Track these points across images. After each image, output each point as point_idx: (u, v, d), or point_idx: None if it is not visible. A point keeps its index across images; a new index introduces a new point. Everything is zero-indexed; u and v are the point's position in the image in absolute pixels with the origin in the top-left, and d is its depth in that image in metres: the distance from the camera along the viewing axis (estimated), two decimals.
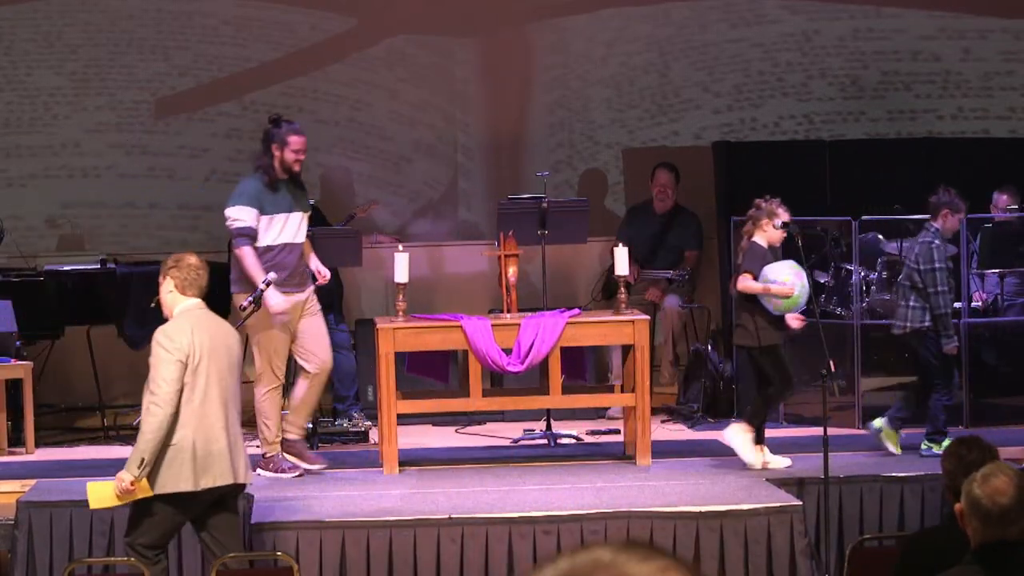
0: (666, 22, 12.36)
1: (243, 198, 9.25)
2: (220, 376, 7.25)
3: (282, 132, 9.30)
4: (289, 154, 9.28)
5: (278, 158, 9.28)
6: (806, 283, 9.17)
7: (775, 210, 9.25)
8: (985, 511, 4.33)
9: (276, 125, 9.37)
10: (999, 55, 12.49)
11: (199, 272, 7.38)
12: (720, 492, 8.59)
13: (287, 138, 9.29)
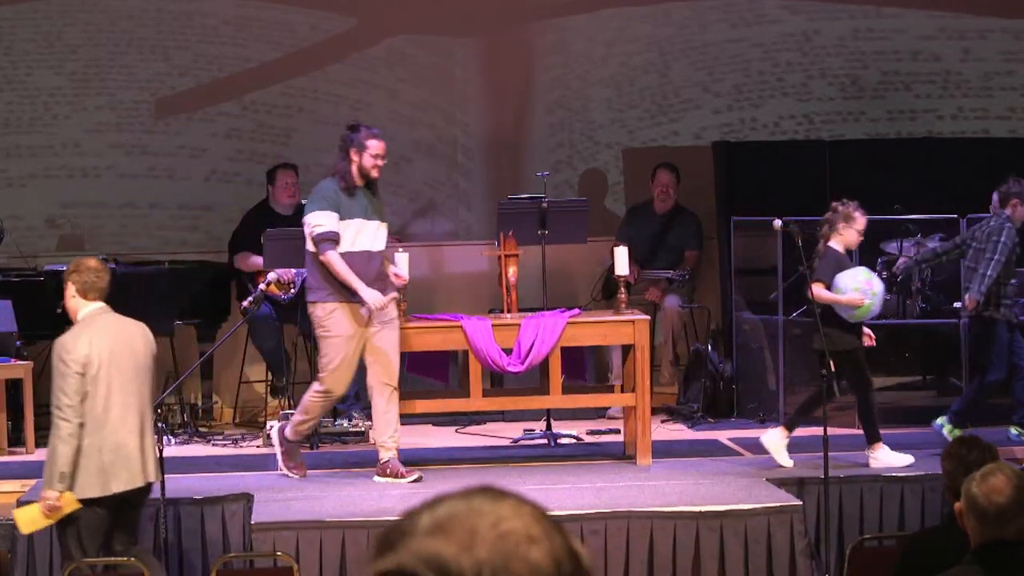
0: (666, 22, 12.36)
1: (322, 202, 9.01)
2: (123, 380, 7.33)
3: (361, 136, 9.11)
4: (368, 159, 9.06)
5: (356, 163, 9.05)
6: (879, 290, 9.15)
7: (852, 213, 9.20)
8: (982, 510, 4.33)
9: (354, 130, 9.18)
10: (999, 55, 12.49)
11: (99, 275, 7.49)
12: (720, 492, 8.59)
13: (366, 142, 9.09)
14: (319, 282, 9.00)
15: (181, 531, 8.38)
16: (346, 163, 9.08)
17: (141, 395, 7.40)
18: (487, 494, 2.00)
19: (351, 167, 9.06)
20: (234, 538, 8.41)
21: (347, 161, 9.08)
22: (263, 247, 10.35)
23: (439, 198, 12.29)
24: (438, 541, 1.98)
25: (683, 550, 8.16)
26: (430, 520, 2.01)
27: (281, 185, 11.11)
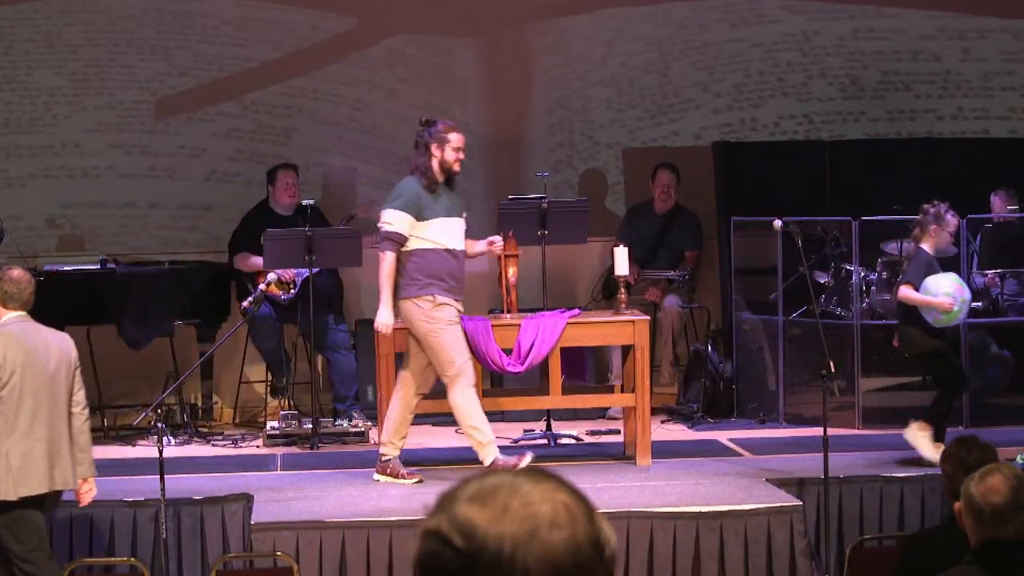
0: (666, 22, 12.36)
1: (400, 201, 8.83)
2: (36, 388, 7.43)
3: (440, 130, 8.91)
4: (450, 153, 8.91)
5: (438, 158, 8.89)
6: (967, 296, 9.16)
7: (944, 216, 9.19)
8: (979, 510, 4.34)
9: (430, 125, 8.99)
10: (999, 55, 12.49)
11: (19, 286, 7.61)
12: (720, 492, 8.59)
13: (447, 136, 8.91)
14: (411, 278, 8.83)
15: (181, 531, 8.38)
16: (426, 159, 8.88)
17: (54, 403, 7.49)
18: (531, 474, 2.15)
19: (432, 162, 8.87)
20: (234, 538, 8.41)
21: (427, 157, 8.88)
22: (263, 247, 10.35)
23: None
24: (474, 509, 2.12)
25: (683, 550, 8.16)
26: (475, 489, 2.16)
27: (282, 185, 11.10)
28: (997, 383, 10.87)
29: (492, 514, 2.11)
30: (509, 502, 2.11)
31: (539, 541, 2.09)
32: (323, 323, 10.84)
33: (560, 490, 2.14)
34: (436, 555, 2.12)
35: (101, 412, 10.96)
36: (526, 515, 2.10)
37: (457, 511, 2.13)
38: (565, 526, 2.10)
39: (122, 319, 10.66)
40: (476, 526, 2.10)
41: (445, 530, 2.11)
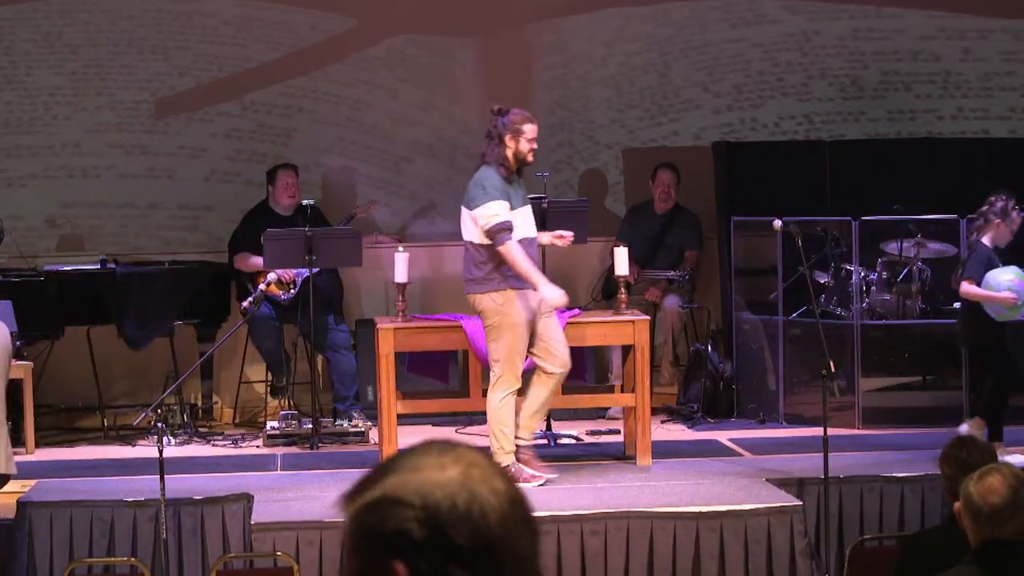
0: (666, 22, 12.36)
1: (493, 191, 8.61)
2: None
3: (515, 120, 8.70)
4: (524, 144, 8.70)
5: (512, 149, 8.67)
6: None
7: (1009, 211, 9.17)
8: (976, 509, 4.34)
9: (504, 114, 8.74)
10: (999, 55, 12.49)
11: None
12: (720, 492, 8.59)
13: (522, 127, 8.72)
14: (487, 272, 8.72)
15: (181, 531, 8.38)
16: (500, 149, 8.71)
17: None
18: (440, 442, 2.25)
19: (507, 153, 8.71)
20: (234, 538, 8.41)
21: (501, 147, 8.71)
22: (263, 247, 10.35)
23: (439, 198, 12.28)
24: (414, 474, 2.17)
25: (683, 550, 8.16)
26: (405, 460, 2.21)
27: (281, 185, 11.10)
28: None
29: (434, 475, 2.16)
30: (443, 461, 2.17)
31: (487, 484, 2.15)
32: (323, 323, 10.84)
33: (479, 452, 2.23)
34: (393, 518, 2.14)
35: (101, 412, 10.97)
36: (467, 463, 2.17)
37: (397, 480, 2.17)
38: (500, 480, 2.18)
39: (122, 319, 10.66)
40: (424, 484, 2.14)
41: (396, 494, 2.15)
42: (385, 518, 2.15)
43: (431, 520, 2.13)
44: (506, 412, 8.75)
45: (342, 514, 2.23)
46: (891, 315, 10.81)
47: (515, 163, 8.72)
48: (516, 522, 2.16)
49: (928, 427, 10.32)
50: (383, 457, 2.00)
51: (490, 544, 2.13)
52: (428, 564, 2.12)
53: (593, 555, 8.12)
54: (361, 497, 2.19)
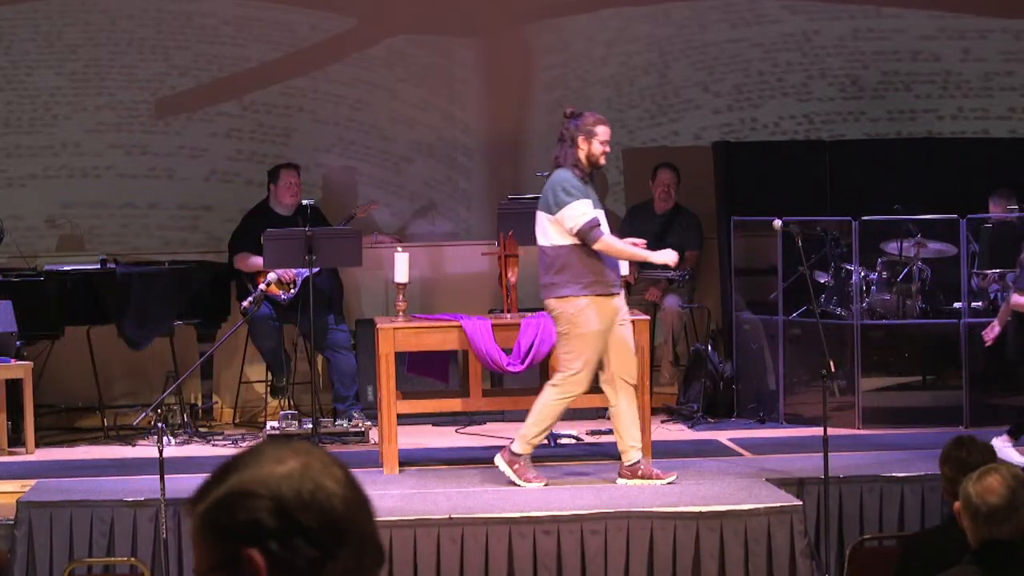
0: (666, 22, 12.36)
1: (576, 192, 8.55)
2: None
3: (588, 123, 8.69)
4: (597, 146, 8.70)
5: (584, 151, 8.66)
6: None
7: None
8: (975, 509, 4.34)
9: (577, 117, 8.74)
10: (999, 55, 12.49)
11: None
12: (720, 492, 8.59)
13: (595, 129, 8.73)
14: (571, 276, 8.60)
15: (181, 531, 8.37)
16: (573, 151, 8.68)
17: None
18: (276, 439, 2.54)
19: (579, 155, 8.68)
20: None
21: (574, 149, 8.68)
22: (263, 247, 10.35)
23: (439, 198, 12.28)
24: (257, 468, 2.32)
25: (683, 550, 8.16)
26: (245, 458, 2.36)
27: (284, 184, 11.10)
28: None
29: (277, 468, 2.31)
30: (282, 454, 2.33)
31: (328, 474, 2.32)
32: (323, 323, 10.84)
33: (313, 446, 2.40)
34: (245, 509, 2.29)
35: (101, 412, 10.97)
36: (305, 464, 2.32)
37: (242, 476, 2.32)
38: (337, 468, 2.35)
39: (122, 319, 10.66)
40: (270, 477, 2.30)
41: (245, 488, 2.30)
42: (237, 511, 2.29)
43: (280, 508, 2.27)
44: (552, 416, 8.68)
45: (187, 516, 2.36)
46: (891, 315, 10.81)
47: (588, 165, 8.69)
48: (356, 503, 2.32)
49: (928, 427, 10.32)
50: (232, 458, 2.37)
51: (336, 525, 2.29)
52: (282, 548, 2.27)
53: (593, 555, 8.12)
54: (208, 496, 2.32)
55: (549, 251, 8.67)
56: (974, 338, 10.55)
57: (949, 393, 10.73)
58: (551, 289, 8.67)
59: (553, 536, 8.11)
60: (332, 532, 2.30)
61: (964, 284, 10.66)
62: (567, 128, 8.76)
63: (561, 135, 8.79)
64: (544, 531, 8.12)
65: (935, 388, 11.14)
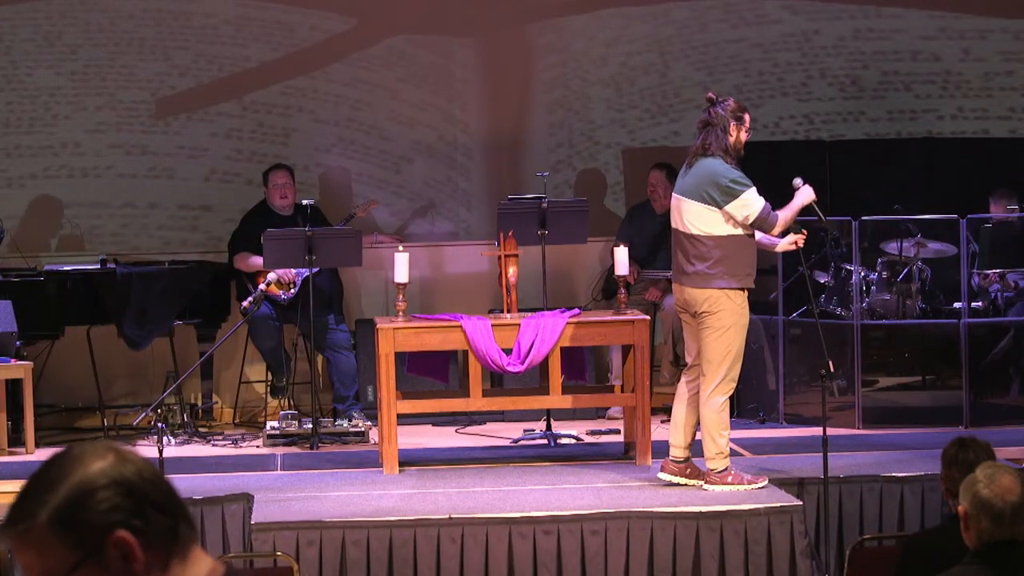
0: (666, 22, 12.36)
1: (744, 179, 8.38)
2: None
3: (736, 108, 8.46)
4: (744, 134, 8.49)
5: (735, 136, 8.45)
6: None
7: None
8: (998, 512, 4.33)
9: (721, 102, 8.49)
10: (999, 55, 12.49)
11: None
12: (720, 492, 8.58)
13: (743, 115, 8.48)
14: (716, 269, 8.48)
15: None
16: (725, 138, 8.47)
17: None
18: (76, 445, 2.59)
19: (731, 141, 8.48)
20: (234, 538, 8.41)
21: (726, 136, 8.47)
22: (263, 247, 10.36)
23: (439, 198, 12.29)
24: (83, 468, 2.52)
25: (683, 550, 8.16)
26: (62, 468, 2.54)
27: (272, 186, 11.11)
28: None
29: (101, 463, 2.53)
30: (99, 453, 2.55)
31: (140, 463, 2.56)
32: (323, 323, 10.84)
33: (110, 442, 2.62)
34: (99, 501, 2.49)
35: (101, 412, 10.97)
36: (118, 456, 2.54)
37: (74, 479, 2.51)
38: (137, 455, 2.58)
39: (122, 319, 10.66)
40: (104, 470, 2.51)
41: (86, 486, 2.50)
42: (91, 506, 2.49)
43: (129, 490, 2.50)
44: (726, 416, 8.53)
45: (15, 536, 2.52)
46: (891, 315, 10.81)
47: (739, 152, 8.54)
48: (165, 480, 2.59)
49: (928, 427, 10.32)
50: (41, 474, 2.60)
51: (172, 495, 2.56)
52: (143, 522, 2.50)
53: (593, 555, 8.13)
54: (44, 507, 2.50)
55: (706, 241, 8.49)
56: (974, 338, 10.55)
57: (949, 393, 10.73)
58: (697, 278, 8.49)
59: (553, 536, 8.11)
60: (173, 502, 2.56)
61: (964, 284, 10.66)
62: (716, 114, 8.48)
63: (709, 121, 8.51)
64: (544, 531, 8.13)
65: (935, 388, 11.14)
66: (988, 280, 11.00)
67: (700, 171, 8.54)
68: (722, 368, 8.48)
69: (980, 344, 10.62)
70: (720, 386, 8.50)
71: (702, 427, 8.59)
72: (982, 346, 10.64)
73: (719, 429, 8.52)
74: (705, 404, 8.51)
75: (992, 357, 10.45)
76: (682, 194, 8.60)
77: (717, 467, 8.60)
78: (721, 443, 8.53)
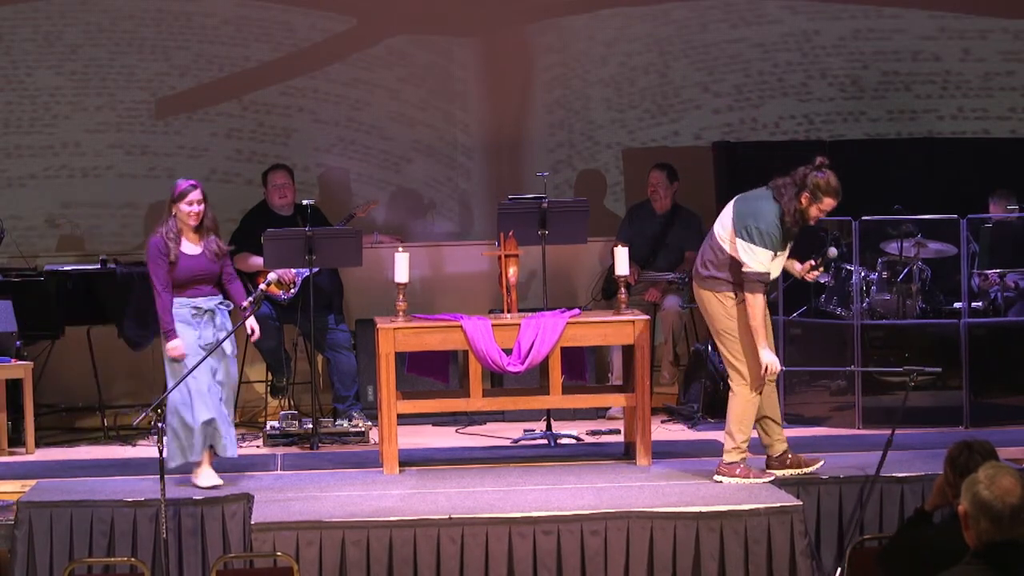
0: (666, 22, 12.36)
1: (769, 239, 8.44)
2: None
3: (821, 186, 8.43)
4: (815, 210, 8.46)
5: (803, 207, 8.44)
6: None
7: None
8: (997, 513, 4.32)
9: (819, 170, 8.48)
10: (999, 55, 12.49)
11: None
12: (720, 492, 8.59)
13: (824, 197, 8.43)
14: (729, 278, 8.62)
15: (181, 531, 8.38)
16: (794, 200, 8.45)
17: None
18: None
19: (796, 206, 8.45)
20: (234, 538, 8.40)
21: (795, 199, 8.45)
22: (263, 247, 10.35)
23: (439, 198, 12.29)
24: None
25: (683, 550, 8.16)
26: None
27: (271, 187, 11.11)
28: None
29: None
30: None
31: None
32: (323, 323, 10.84)
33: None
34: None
35: (101, 412, 10.96)
36: None
37: None
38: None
39: (122, 319, 10.66)
40: None
41: None
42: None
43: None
44: (748, 414, 8.73)
45: None
46: (891, 315, 10.81)
47: (798, 220, 8.50)
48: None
49: (928, 427, 10.32)
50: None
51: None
52: None
53: (593, 555, 8.12)
54: None
55: (719, 249, 8.63)
56: (974, 338, 10.55)
57: (949, 393, 10.73)
58: (713, 282, 8.67)
59: (553, 536, 8.11)
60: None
61: (964, 284, 10.66)
62: (805, 176, 8.45)
63: (797, 174, 8.50)
64: (544, 531, 8.12)
65: (935, 388, 11.13)
66: (988, 282, 11.01)
67: (754, 201, 8.61)
68: (736, 365, 8.70)
69: (980, 344, 10.62)
70: (740, 383, 8.71)
71: (726, 420, 8.81)
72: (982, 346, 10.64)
73: (739, 425, 8.74)
74: (730, 399, 8.79)
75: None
76: (733, 203, 8.69)
77: (728, 460, 8.80)
78: (739, 438, 8.76)
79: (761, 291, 8.52)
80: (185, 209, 8.90)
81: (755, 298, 8.52)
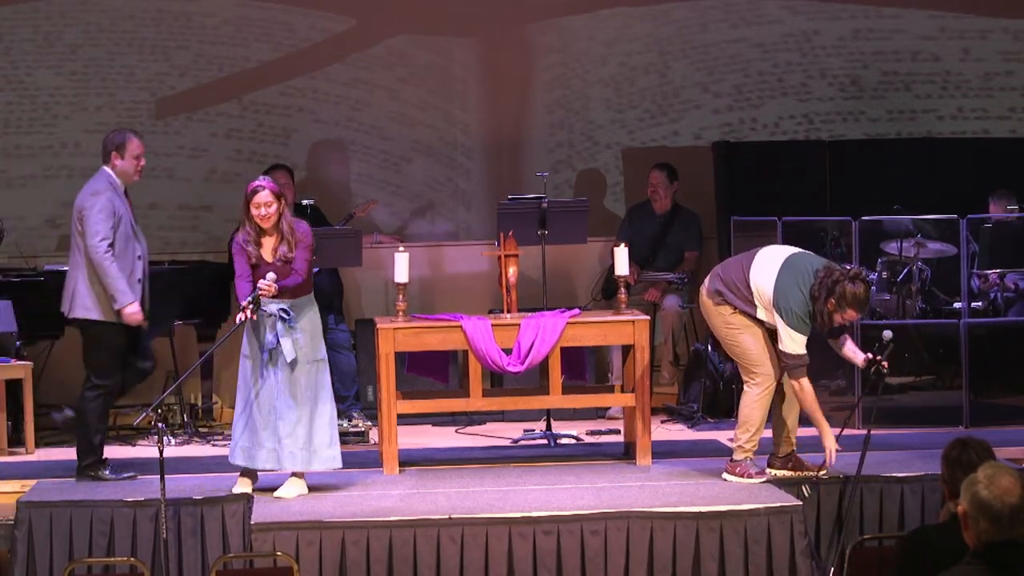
0: (666, 22, 12.36)
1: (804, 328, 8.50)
2: None
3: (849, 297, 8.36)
4: (837, 316, 8.44)
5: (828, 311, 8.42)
6: None
7: None
8: (996, 512, 4.32)
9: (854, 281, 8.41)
10: (999, 55, 12.49)
11: None
12: (720, 492, 8.59)
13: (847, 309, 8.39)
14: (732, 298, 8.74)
15: (181, 531, 8.38)
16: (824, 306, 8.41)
17: None
18: None
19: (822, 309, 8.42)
20: (234, 538, 8.40)
21: (825, 302, 8.41)
22: None
23: (439, 198, 12.29)
24: None
25: (683, 550, 8.16)
26: None
27: None
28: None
29: None
30: None
31: None
32: (323, 323, 10.82)
33: None
34: None
35: None
36: None
37: None
38: None
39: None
40: None
41: None
42: None
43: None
44: (757, 414, 8.78)
45: None
46: (891, 315, 10.81)
47: (825, 322, 8.48)
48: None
49: (928, 427, 10.32)
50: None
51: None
52: None
53: (593, 555, 8.12)
54: None
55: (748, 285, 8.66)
56: (974, 338, 10.55)
57: (949, 393, 10.73)
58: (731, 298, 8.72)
59: (553, 536, 8.11)
60: None
61: (964, 284, 10.66)
62: (838, 281, 8.41)
63: (833, 275, 8.44)
64: (544, 531, 8.12)
65: (935, 388, 11.13)
66: (988, 283, 11.00)
67: (797, 283, 8.52)
68: (744, 364, 8.80)
69: (980, 344, 10.62)
70: (750, 383, 8.80)
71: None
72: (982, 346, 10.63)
73: (744, 424, 8.80)
74: (742, 396, 8.87)
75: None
76: (782, 265, 8.59)
77: (734, 458, 8.88)
78: (742, 438, 8.82)
79: (805, 375, 8.53)
80: (253, 212, 8.56)
81: (801, 384, 8.56)
